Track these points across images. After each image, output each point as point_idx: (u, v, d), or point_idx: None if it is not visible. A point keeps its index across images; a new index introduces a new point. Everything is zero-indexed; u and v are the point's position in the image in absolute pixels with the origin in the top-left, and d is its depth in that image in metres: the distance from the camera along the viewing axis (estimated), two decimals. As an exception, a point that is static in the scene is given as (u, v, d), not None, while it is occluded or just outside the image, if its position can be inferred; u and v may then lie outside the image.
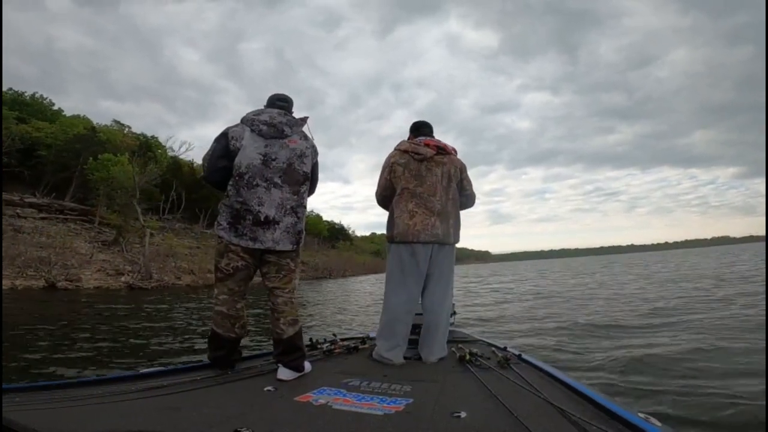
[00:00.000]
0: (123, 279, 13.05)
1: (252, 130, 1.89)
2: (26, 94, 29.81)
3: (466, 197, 2.41)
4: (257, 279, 1.96)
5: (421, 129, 2.44)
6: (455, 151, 2.36)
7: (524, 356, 2.03)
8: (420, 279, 2.20)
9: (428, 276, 2.22)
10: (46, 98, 31.86)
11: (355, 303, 10.85)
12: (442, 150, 2.31)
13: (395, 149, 2.35)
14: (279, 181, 1.87)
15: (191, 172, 32.69)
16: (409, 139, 2.41)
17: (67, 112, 32.23)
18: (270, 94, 2.07)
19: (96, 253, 14.51)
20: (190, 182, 30.88)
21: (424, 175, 2.24)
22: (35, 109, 28.29)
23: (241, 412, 1.26)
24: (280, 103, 2.04)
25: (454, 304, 3.19)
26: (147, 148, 31.97)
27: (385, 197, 2.38)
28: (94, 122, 31.03)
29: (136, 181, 15.22)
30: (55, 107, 31.92)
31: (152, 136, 39.41)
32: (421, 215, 2.19)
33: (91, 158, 18.74)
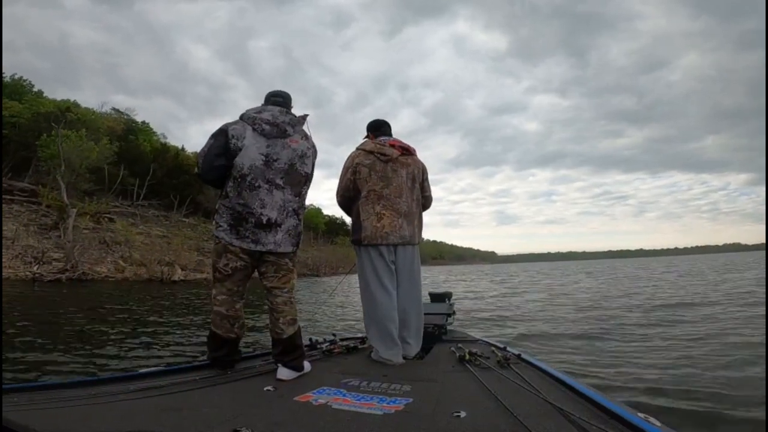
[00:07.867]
0: (35, 269, 10.99)
1: (254, 129, 1.81)
2: (5, 77, 28.36)
3: (425, 198, 2.42)
4: (255, 277, 1.90)
5: (381, 128, 2.40)
6: (415, 151, 2.37)
7: (524, 356, 2.00)
8: (394, 278, 2.21)
9: (398, 276, 2.22)
10: (26, 80, 30.49)
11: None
12: (406, 151, 2.31)
13: (358, 149, 2.31)
14: (281, 183, 1.83)
15: (175, 157, 30.96)
16: (369, 138, 2.39)
17: (81, 106, 30.08)
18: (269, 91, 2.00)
19: (26, 237, 12.58)
20: (172, 167, 29.15)
21: (390, 177, 2.23)
22: (11, 90, 26.83)
23: (240, 412, 1.25)
24: (277, 99, 1.96)
25: (453, 304, 3.02)
26: (129, 131, 30.48)
27: (347, 198, 2.33)
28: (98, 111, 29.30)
29: (61, 150, 13.24)
30: (35, 89, 30.40)
31: (142, 122, 37.94)
32: (388, 217, 2.18)
33: (44, 135, 16.92)
